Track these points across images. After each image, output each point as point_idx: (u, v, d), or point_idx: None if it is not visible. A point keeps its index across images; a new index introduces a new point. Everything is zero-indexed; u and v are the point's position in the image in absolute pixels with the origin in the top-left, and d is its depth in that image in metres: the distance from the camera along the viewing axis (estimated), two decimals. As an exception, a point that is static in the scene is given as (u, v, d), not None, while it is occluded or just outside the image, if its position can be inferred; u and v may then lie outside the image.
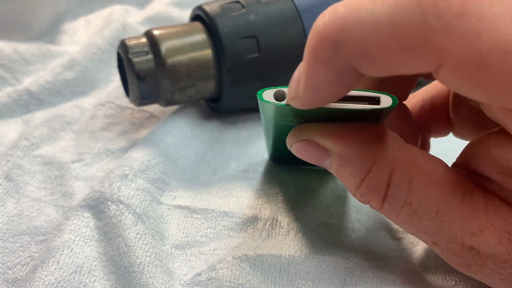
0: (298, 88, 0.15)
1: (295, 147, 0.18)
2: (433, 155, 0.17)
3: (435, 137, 0.22)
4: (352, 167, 0.17)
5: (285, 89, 0.17)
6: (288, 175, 0.25)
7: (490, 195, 0.16)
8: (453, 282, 0.19)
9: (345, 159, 0.17)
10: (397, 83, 0.19)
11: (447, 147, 0.23)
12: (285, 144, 0.20)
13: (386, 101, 0.16)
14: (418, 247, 0.21)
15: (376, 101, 0.16)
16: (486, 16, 0.11)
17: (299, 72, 0.15)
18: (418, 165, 0.16)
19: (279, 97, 0.17)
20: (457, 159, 0.18)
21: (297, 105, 0.16)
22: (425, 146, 0.22)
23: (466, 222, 0.15)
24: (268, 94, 0.17)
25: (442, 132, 0.22)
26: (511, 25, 0.11)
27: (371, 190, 0.17)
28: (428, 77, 0.17)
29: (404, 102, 0.20)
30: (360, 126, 0.17)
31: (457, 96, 0.20)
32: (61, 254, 0.20)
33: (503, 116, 0.14)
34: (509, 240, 0.15)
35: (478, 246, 0.15)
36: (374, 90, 0.16)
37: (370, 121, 0.18)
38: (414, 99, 0.22)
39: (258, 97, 0.17)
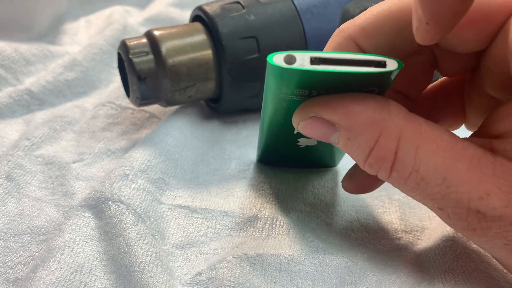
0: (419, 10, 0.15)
1: (302, 125, 0.18)
2: (437, 124, 0.17)
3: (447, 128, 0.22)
4: (360, 139, 0.17)
5: (294, 53, 0.16)
6: (288, 175, 0.25)
7: (500, 160, 0.16)
8: (453, 282, 0.19)
9: (352, 131, 0.17)
10: (413, 80, 0.19)
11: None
12: (282, 134, 0.20)
13: (391, 64, 0.16)
14: (418, 246, 0.21)
15: (382, 65, 0.16)
16: None
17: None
18: (424, 132, 0.16)
19: (288, 61, 0.16)
20: (479, 127, 0.18)
21: (423, 30, 0.15)
22: None
23: (473, 186, 0.16)
24: (278, 58, 0.16)
25: (455, 124, 0.22)
26: None
27: (379, 160, 0.17)
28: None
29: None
30: (364, 98, 0.17)
31: (472, 86, 0.20)
32: (62, 253, 0.20)
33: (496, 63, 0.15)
34: None
35: (484, 209, 0.15)
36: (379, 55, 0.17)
37: (376, 87, 0.18)
38: (428, 91, 0.22)
39: (267, 61, 0.16)
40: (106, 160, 0.27)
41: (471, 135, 0.18)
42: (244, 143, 0.28)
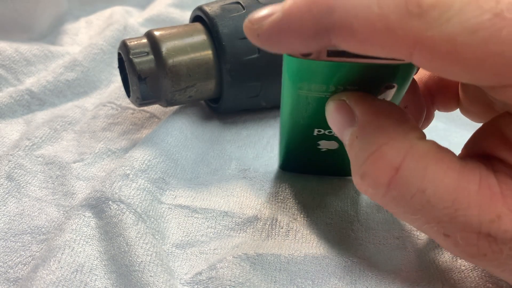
0: (267, 18, 0.15)
1: (331, 105, 0.18)
2: (443, 146, 0.16)
3: (441, 111, 0.22)
4: (365, 139, 0.16)
5: None
6: (288, 175, 0.25)
7: (504, 179, 0.15)
8: (452, 281, 0.19)
9: (363, 129, 0.17)
10: None
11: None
12: (303, 136, 0.20)
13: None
14: (417, 246, 0.21)
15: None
16: (455, 4, 0.13)
17: (277, 8, 0.15)
18: (434, 152, 0.16)
19: (305, 54, 0.16)
20: (464, 147, 0.18)
21: (251, 32, 0.16)
22: (429, 117, 0.22)
23: (484, 209, 0.15)
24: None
25: (449, 107, 0.22)
26: (476, 10, 0.13)
27: (375, 170, 0.16)
28: None
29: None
30: (390, 105, 0.17)
31: None
32: (62, 253, 0.20)
33: (499, 95, 0.14)
34: None
35: (495, 233, 0.15)
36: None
37: (395, 82, 0.17)
38: (423, 71, 0.21)
39: (284, 55, 0.16)
40: (106, 160, 0.27)
41: (465, 153, 0.18)
42: (244, 143, 0.28)
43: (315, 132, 0.19)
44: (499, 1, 0.13)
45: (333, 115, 0.18)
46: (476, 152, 0.17)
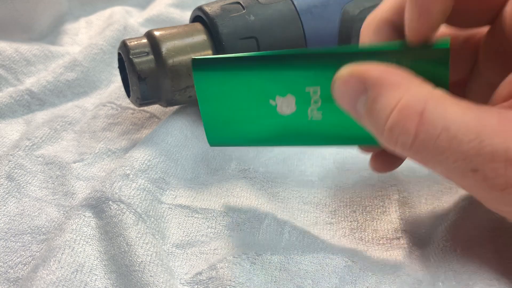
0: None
1: (340, 81, 0.18)
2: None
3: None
4: (386, 96, 0.17)
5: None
6: (288, 174, 0.26)
7: None
8: (454, 283, 0.19)
9: (382, 87, 0.17)
10: None
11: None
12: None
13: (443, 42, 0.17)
14: (417, 246, 0.21)
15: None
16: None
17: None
18: (452, 98, 0.17)
19: None
20: (493, 97, 0.18)
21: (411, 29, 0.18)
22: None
23: (507, 137, 0.15)
24: None
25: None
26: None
27: (402, 118, 0.17)
28: None
29: None
30: (400, 69, 0.18)
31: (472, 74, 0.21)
32: (63, 253, 0.20)
33: None
34: None
35: None
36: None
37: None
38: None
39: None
40: (106, 160, 0.27)
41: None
42: (244, 143, 0.28)
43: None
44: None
45: (343, 90, 0.18)
46: (505, 96, 0.17)
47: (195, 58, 0.18)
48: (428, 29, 0.18)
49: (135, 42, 0.27)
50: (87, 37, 0.40)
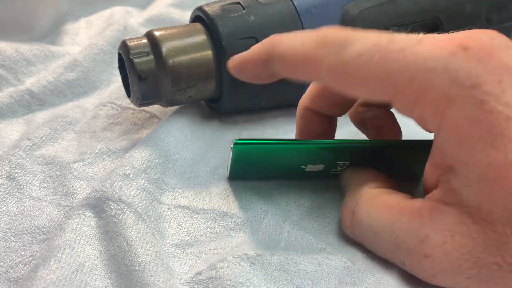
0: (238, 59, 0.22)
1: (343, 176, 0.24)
2: (398, 192, 0.20)
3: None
4: (344, 196, 0.23)
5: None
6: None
7: (435, 205, 0.18)
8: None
9: (345, 191, 0.23)
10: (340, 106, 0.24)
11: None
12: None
13: None
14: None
15: None
16: (350, 38, 0.18)
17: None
18: (377, 197, 0.20)
19: None
20: (423, 183, 0.20)
21: (228, 65, 0.23)
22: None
23: (414, 233, 0.18)
24: None
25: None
26: (363, 42, 0.18)
27: (344, 216, 0.21)
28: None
29: None
30: (364, 171, 0.23)
31: None
32: (63, 253, 0.20)
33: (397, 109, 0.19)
34: (451, 237, 0.17)
35: (430, 251, 0.17)
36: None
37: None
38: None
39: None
40: (106, 160, 0.27)
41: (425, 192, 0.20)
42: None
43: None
44: (379, 37, 0.18)
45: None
46: (430, 186, 0.19)
47: (237, 142, 0.22)
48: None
49: (135, 42, 0.27)
50: (87, 37, 0.40)
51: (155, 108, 0.31)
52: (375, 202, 0.20)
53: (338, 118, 0.25)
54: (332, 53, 0.18)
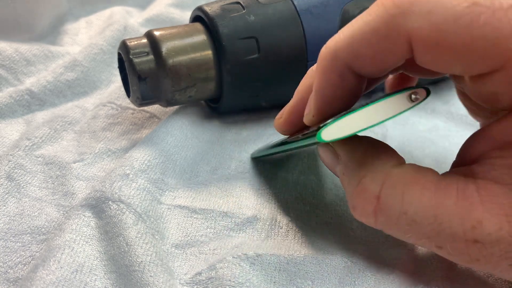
0: (310, 104, 0.19)
1: (319, 149, 0.20)
2: (423, 167, 0.18)
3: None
4: (350, 175, 0.18)
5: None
6: (288, 174, 0.25)
7: (483, 183, 0.16)
8: (452, 282, 0.19)
9: (346, 166, 0.18)
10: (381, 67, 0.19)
11: (445, 147, 0.23)
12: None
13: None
14: (417, 247, 0.21)
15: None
16: None
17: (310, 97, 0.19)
18: (410, 177, 0.17)
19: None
20: (458, 154, 0.19)
21: (308, 118, 0.19)
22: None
23: (465, 218, 0.16)
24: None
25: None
26: (454, 1, 0.14)
27: (361, 201, 0.18)
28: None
29: None
30: (367, 140, 0.19)
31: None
32: (62, 253, 0.20)
33: (489, 85, 0.16)
34: (509, 223, 0.15)
35: (481, 237, 0.15)
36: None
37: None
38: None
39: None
40: (106, 160, 0.27)
41: (453, 165, 0.19)
42: (245, 143, 0.28)
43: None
44: None
45: (322, 156, 0.20)
46: (468, 158, 0.17)
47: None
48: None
49: (135, 42, 0.27)
50: (87, 37, 0.40)
51: (155, 108, 0.31)
52: (408, 183, 0.17)
53: None
54: (418, 18, 0.15)
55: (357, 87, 0.18)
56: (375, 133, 0.29)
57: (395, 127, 0.30)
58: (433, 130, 0.30)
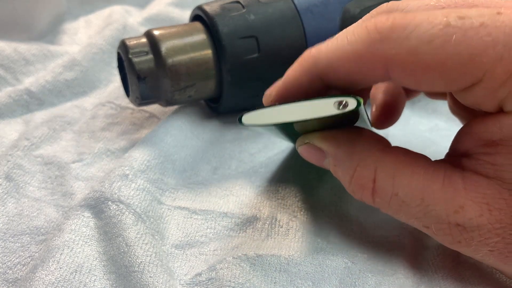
0: (274, 86, 0.20)
1: (300, 149, 0.21)
2: (414, 151, 0.19)
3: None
4: (343, 166, 0.19)
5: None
6: (288, 174, 0.25)
7: (469, 174, 0.17)
8: (452, 282, 0.19)
9: (337, 159, 0.20)
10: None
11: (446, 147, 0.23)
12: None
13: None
14: (417, 248, 0.21)
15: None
16: (410, 24, 0.16)
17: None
18: (400, 161, 0.18)
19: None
20: (449, 147, 0.20)
21: (266, 98, 0.21)
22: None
23: (448, 202, 0.17)
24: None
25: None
26: (428, 25, 0.16)
27: (360, 187, 0.19)
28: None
29: None
30: (349, 130, 0.20)
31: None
32: (61, 253, 0.20)
33: (470, 97, 0.17)
34: (489, 211, 0.17)
35: (462, 221, 0.17)
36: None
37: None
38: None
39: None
40: (105, 160, 0.27)
41: (446, 155, 0.20)
42: (244, 142, 0.28)
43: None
44: (446, 15, 0.16)
45: (305, 157, 0.21)
46: (458, 151, 0.19)
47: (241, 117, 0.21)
48: None
49: (134, 42, 0.27)
50: (86, 36, 0.40)
51: (154, 108, 0.31)
52: (399, 167, 0.18)
53: None
54: (395, 44, 0.16)
55: (319, 92, 0.20)
56: (375, 132, 0.29)
57: (396, 127, 0.30)
58: (434, 130, 0.30)
